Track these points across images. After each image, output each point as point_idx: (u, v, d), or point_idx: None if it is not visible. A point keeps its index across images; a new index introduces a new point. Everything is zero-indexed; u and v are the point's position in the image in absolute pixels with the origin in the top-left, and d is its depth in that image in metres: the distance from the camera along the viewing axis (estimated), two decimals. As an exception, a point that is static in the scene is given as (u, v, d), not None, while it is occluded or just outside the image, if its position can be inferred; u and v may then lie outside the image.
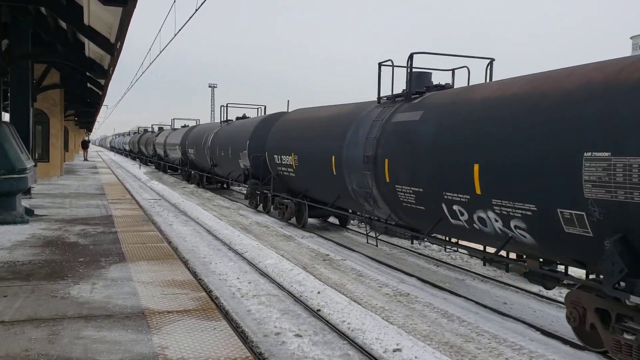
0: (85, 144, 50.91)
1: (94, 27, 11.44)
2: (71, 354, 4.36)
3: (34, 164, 12.19)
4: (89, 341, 4.64)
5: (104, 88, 23.08)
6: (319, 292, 8.25)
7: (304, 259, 11.37)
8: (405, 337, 6.48)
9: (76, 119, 43.13)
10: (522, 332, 7.18)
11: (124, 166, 45.59)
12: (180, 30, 16.38)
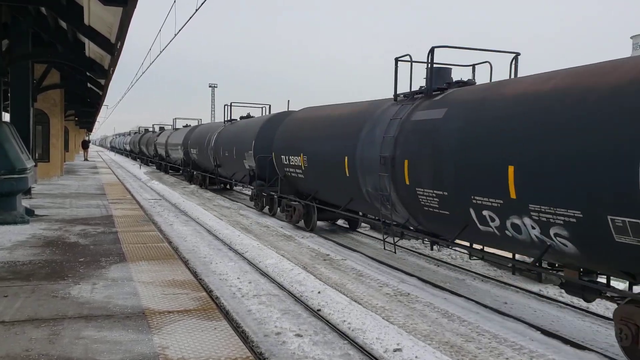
0: (85, 144, 50.95)
1: (94, 27, 11.45)
2: (72, 354, 4.36)
3: (34, 164, 12.20)
4: (89, 341, 4.64)
5: (104, 88, 23.09)
6: (319, 292, 8.25)
7: (304, 258, 11.37)
8: (405, 336, 6.48)
9: (76, 119, 43.18)
10: (523, 332, 7.17)
11: (124, 166, 45.60)
12: (180, 30, 16.40)
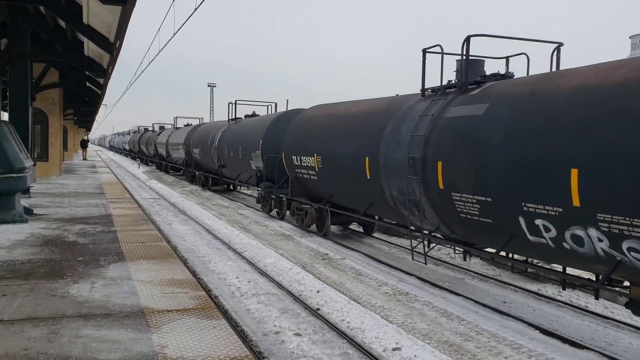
0: (84, 143, 50.90)
1: (93, 26, 11.46)
2: (70, 352, 4.36)
3: (33, 163, 12.19)
4: (88, 340, 4.64)
5: (103, 87, 23.07)
6: (318, 291, 8.25)
7: (303, 258, 11.37)
8: (404, 335, 6.48)
9: (75, 118, 43.19)
10: (522, 331, 7.17)
11: (123, 165, 45.57)
12: (179, 30, 16.37)
